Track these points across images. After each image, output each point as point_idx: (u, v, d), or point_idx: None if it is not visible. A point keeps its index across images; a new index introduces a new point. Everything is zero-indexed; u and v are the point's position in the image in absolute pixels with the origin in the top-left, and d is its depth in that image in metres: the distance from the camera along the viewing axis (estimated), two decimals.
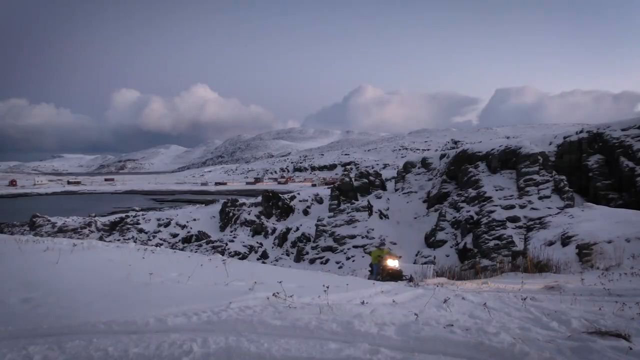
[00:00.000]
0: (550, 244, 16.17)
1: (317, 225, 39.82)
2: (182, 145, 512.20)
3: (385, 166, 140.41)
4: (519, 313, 6.12)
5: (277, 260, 37.79)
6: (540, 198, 33.01)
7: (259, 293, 5.46)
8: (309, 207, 51.04)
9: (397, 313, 4.59)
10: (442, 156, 48.44)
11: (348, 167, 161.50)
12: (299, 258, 38.07)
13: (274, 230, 45.62)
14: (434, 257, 30.32)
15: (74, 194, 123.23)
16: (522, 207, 32.75)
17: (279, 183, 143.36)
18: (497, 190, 35.17)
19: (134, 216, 51.84)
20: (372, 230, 37.73)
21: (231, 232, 47.10)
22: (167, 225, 49.22)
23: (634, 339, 3.73)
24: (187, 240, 45.84)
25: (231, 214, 50.57)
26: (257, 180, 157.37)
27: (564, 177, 33.95)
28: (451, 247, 33.61)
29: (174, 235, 47.19)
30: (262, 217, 49.41)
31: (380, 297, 6.26)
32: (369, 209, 40.49)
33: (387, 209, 42.33)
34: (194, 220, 50.67)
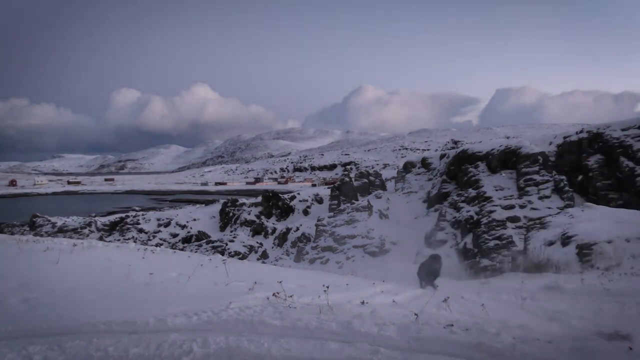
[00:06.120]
0: (550, 244, 16.17)
1: (317, 225, 39.82)
2: (182, 145, 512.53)
3: (385, 166, 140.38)
4: (519, 313, 6.13)
5: (277, 260, 37.78)
6: (540, 198, 32.99)
7: (259, 293, 5.46)
8: (309, 207, 51.03)
9: (397, 313, 4.58)
10: (442, 156, 48.40)
11: (348, 167, 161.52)
12: (299, 258, 38.06)
13: (274, 230, 45.62)
14: None
15: (74, 194, 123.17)
16: (522, 207, 32.74)
17: (279, 183, 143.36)
18: (497, 190, 35.16)
19: (134, 216, 51.83)
20: (372, 230, 37.72)
21: (231, 232, 47.09)
22: (167, 225, 49.22)
23: (634, 339, 3.72)
24: (187, 240, 45.84)
25: (231, 214, 50.60)
26: (257, 180, 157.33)
27: (564, 177, 33.92)
28: (451, 247, 33.59)
29: (174, 235, 47.20)
30: (262, 217, 49.42)
31: (380, 297, 6.26)
32: (369, 209, 40.48)
33: (387, 209, 42.31)
34: (194, 220, 50.71)
